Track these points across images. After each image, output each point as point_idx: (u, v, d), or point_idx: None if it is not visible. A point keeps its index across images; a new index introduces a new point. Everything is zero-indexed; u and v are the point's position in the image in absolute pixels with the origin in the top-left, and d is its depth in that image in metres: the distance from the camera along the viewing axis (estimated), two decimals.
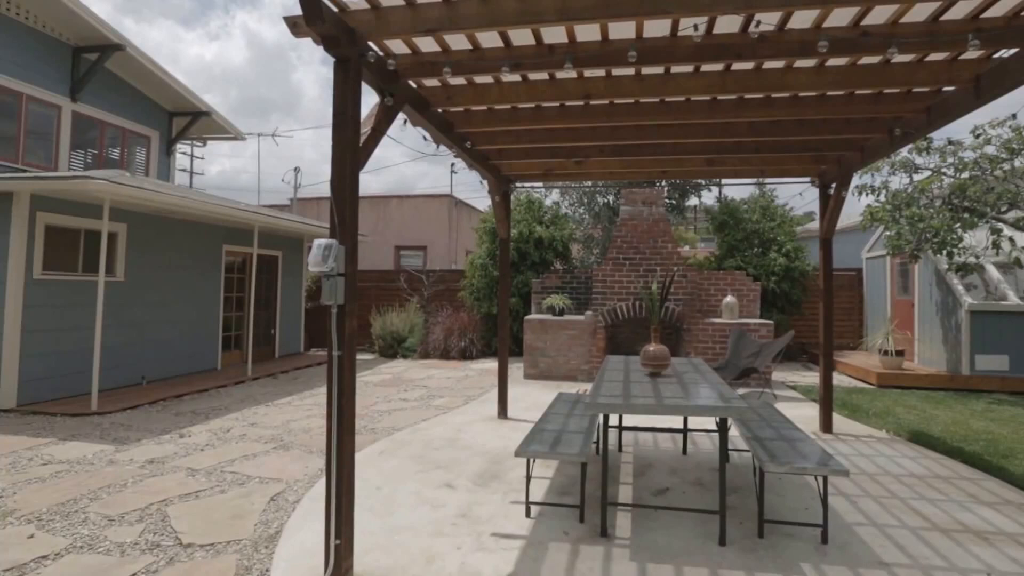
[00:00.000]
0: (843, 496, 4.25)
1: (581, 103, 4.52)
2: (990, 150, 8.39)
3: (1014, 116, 8.26)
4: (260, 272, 11.04)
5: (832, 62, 3.77)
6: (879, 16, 3.17)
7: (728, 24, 3.27)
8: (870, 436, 6.04)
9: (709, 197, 15.64)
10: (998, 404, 7.64)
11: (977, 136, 8.54)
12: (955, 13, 3.14)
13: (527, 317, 9.69)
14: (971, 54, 3.58)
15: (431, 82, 4.24)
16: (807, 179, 6.47)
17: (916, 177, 9.03)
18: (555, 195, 14.94)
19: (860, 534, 3.62)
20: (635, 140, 5.13)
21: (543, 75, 4.08)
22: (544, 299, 10.08)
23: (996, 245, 8.17)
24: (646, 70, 3.92)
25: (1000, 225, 8.27)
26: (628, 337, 9.60)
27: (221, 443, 5.66)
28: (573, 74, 4.01)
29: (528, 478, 3.91)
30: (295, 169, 21.14)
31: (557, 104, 4.60)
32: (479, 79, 4.19)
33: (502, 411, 6.69)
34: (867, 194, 9.25)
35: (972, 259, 8.77)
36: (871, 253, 12.13)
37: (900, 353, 9.46)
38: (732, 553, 3.33)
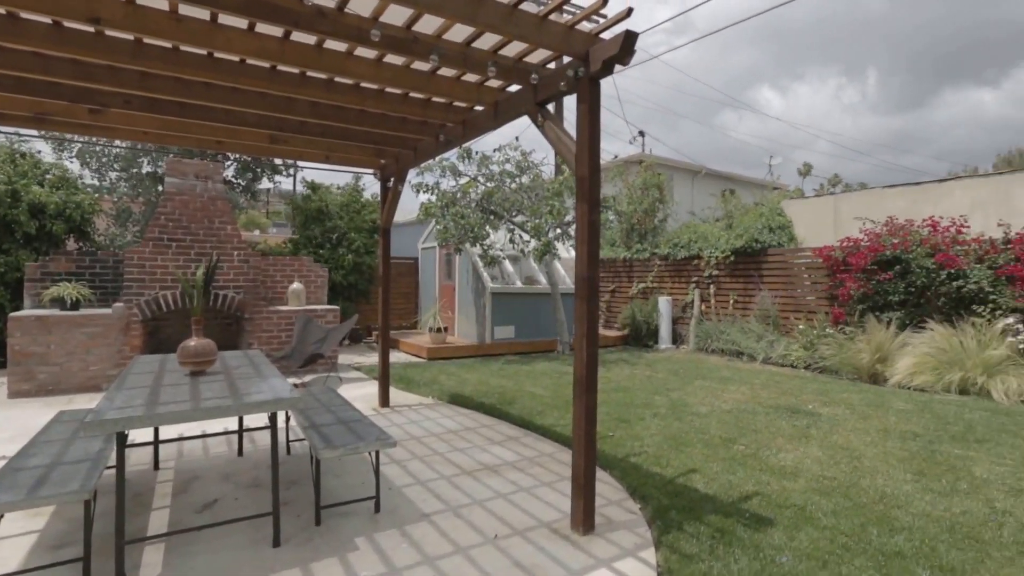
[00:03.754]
0: (395, 463, 4.63)
1: (90, 29, 3.42)
2: (509, 167, 10.66)
3: (517, 139, 10.72)
4: None
5: (390, 59, 3.97)
6: (428, 26, 3.48)
7: None
8: (420, 404, 6.82)
9: (286, 181, 15.16)
10: (508, 364, 9.73)
11: (496, 151, 10.74)
12: (482, 44, 3.72)
13: (15, 314, 7.09)
14: (493, 82, 4.31)
15: None
16: (371, 170, 6.80)
17: (460, 180, 10.73)
18: (74, 153, 12.02)
19: (408, 494, 3.98)
20: (176, 96, 4.26)
21: None
22: (48, 288, 7.61)
23: (512, 241, 10.52)
24: (185, 9, 3.26)
25: (513, 226, 10.64)
26: (176, 332, 8.32)
27: None
28: None
29: None
30: None
31: (49, 20, 3.35)
32: None
33: None
34: (424, 191, 10.53)
35: (498, 252, 11.03)
36: (425, 244, 13.83)
37: (445, 330, 11.10)
38: (287, 551, 3.18)
